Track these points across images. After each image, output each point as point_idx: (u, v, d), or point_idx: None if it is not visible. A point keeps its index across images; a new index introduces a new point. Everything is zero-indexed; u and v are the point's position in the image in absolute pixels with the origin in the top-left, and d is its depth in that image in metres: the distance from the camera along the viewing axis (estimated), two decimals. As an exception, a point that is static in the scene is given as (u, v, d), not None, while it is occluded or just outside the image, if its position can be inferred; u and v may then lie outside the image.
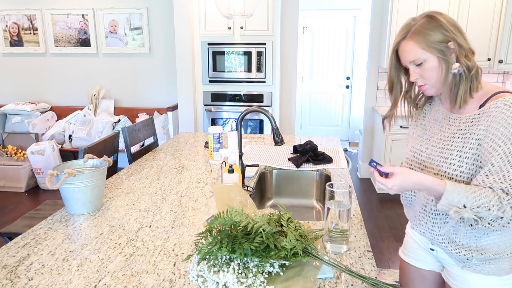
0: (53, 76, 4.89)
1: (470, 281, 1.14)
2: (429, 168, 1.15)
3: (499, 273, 1.10)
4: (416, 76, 1.10)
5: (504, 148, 0.97)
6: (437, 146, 1.14)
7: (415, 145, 1.22)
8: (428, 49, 1.04)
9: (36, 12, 4.70)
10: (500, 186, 0.97)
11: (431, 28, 1.04)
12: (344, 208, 1.16)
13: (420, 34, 1.05)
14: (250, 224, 1.05)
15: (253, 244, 1.03)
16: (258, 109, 1.68)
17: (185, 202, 1.60)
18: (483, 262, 1.10)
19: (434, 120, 1.20)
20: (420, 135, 1.23)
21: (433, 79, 1.08)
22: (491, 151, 1.00)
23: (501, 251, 1.09)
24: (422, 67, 1.07)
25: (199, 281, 1.03)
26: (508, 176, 0.97)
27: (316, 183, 2.04)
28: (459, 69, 1.05)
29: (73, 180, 1.42)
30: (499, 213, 0.96)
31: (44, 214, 2.24)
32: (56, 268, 1.11)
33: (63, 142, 4.56)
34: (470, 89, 1.06)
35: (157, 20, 4.57)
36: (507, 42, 3.41)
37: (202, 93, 4.19)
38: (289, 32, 4.26)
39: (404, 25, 1.09)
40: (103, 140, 2.28)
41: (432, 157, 1.14)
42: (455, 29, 1.04)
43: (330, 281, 1.04)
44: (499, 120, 0.99)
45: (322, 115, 6.31)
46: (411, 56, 1.07)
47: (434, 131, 1.18)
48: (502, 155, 0.97)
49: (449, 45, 1.04)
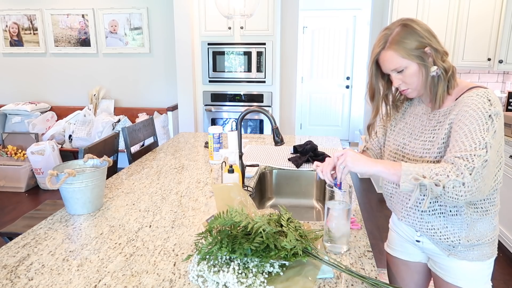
0: (53, 76, 4.89)
1: (455, 268, 1.20)
2: (413, 161, 1.18)
3: (482, 258, 1.18)
4: (399, 82, 1.16)
5: (470, 127, 1.02)
6: (419, 139, 1.19)
7: (398, 139, 1.27)
8: (407, 56, 1.10)
9: (36, 12, 4.70)
10: (461, 154, 1.00)
11: (407, 36, 1.09)
12: (344, 208, 1.16)
13: (398, 43, 1.10)
14: (250, 224, 1.05)
15: (253, 244, 1.03)
16: (258, 109, 1.68)
17: (185, 202, 1.60)
18: (468, 248, 1.17)
19: (415, 115, 1.25)
20: (401, 129, 1.28)
21: (415, 83, 1.14)
22: (457, 130, 1.05)
23: (483, 237, 1.16)
24: (403, 74, 1.13)
25: (199, 281, 1.03)
26: (469, 148, 1.00)
27: (316, 183, 2.04)
28: (437, 72, 1.11)
29: (73, 180, 1.42)
30: (458, 179, 0.97)
31: (44, 214, 2.24)
32: (56, 268, 1.11)
33: (63, 142, 4.56)
34: (448, 88, 1.13)
35: (157, 20, 4.57)
36: (507, 42, 3.41)
37: (202, 93, 4.19)
38: (289, 32, 4.26)
39: (381, 35, 1.14)
40: (103, 140, 2.28)
41: (416, 150, 1.19)
42: (429, 35, 1.10)
43: (330, 281, 1.05)
44: (469, 104, 1.05)
45: (322, 115, 6.31)
46: (392, 65, 1.13)
47: (415, 125, 1.23)
48: (467, 132, 1.02)
49: (426, 50, 1.10)
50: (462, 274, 1.20)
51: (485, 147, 0.99)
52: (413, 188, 1.01)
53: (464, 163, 0.98)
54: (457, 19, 3.72)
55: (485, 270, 1.20)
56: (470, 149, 0.99)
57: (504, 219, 2.86)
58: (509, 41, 3.40)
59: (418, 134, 1.20)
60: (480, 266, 1.19)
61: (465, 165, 0.98)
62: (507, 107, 3.60)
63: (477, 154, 0.98)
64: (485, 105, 1.03)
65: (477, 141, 1.00)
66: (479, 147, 0.99)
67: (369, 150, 1.43)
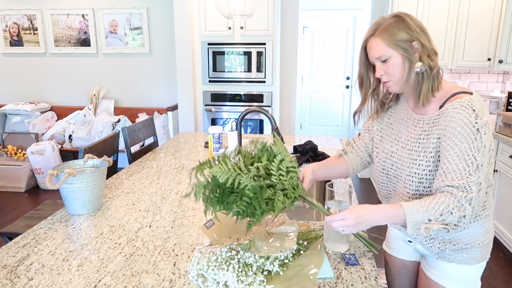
0: (53, 76, 4.89)
1: (444, 270, 1.21)
2: (401, 170, 1.19)
3: (471, 262, 1.17)
4: (381, 72, 1.14)
5: (460, 146, 1.02)
6: (406, 148, 1.19)
7: (386, 146, 1.26)
8: (392, 46, 1.09)
9: (36, 12, 4.70)
10: (458, 183, 1.01)
11: (398, 27, 1.09)
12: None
13: (387, 32, 1.10)
14: (236, 180, 1.04)
15: (240, 207, 1.06)
16: (258, 109, 1.68)
17: (185, 202, 1.60)
18: (456, 252, 1.17)
19: (400, 120, 1.25)
20: (388, 135, 1.27)
21: (397, 76, 1.12)
22: (448, 149, 1.05)
23: (473, 241, 1.15)
24: (387, 64, 1.12)
25: (199, 281, 1.03)
26: (465, 173, 1.01)
27: (316, 183, 2.04)
28: (421, 68, 1.09)
29: (73, 180, 1.42)
30: (460, 213, 0.99)
31: (44, 214, 2.24)
32: (56, 268, 1.11)
33: (63, 142, 4.56)
34: (432, 88, 1.11)
35: (157, 20, 4.57)
36: (507, 42, 3.41)
37: (202, 93, 4.19)
38: (289, 32, 4.26)
39: (374, 23, 1.15)
40: (103, 140, 2.28)
41: (403, 159, 1.18)
42: (420, 30, 1.10)
43: (330, 281, 1.05)
44: (456, 120, 1.04)
45: (322, 115, 6.31)
46: (377, 52, 1.12)
47: (401, 131, 1.22)
48: (458, 153, 1.02)
49: (413, 45, 1.09)
50: (448, 275, 1.20)
51: (477, 168, 1.00)
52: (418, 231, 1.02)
53: (463, 195, 1.00)
54: (457, 19, 3.72)
55: (472, 274, 1.19)
56: (466, 175, 1.00)
57: (504, 219, 2.86)
58: (509, 41, 3.40)
59: (404, 142, 1.20)
60: (468, 269, 1.18)
61: (465, 197, 0.99)
62: (507, 107, 3.60)
63: (473, 181, 1.00)
64: (471, 119, 1.02)
65: (469, 162, 1.01)
66: (472, 170, 1.00)
67: (347, 155, 1.39)
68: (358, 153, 1.39)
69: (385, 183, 1.27)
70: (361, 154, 1.38)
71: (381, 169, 1.26)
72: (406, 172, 1.16)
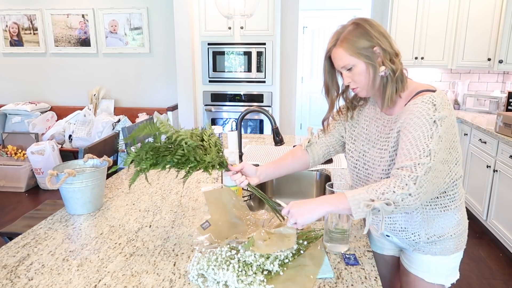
0: (53, 76, 4.89)
1: (419, 261, 1.25)
2: (373, 168, 1.21)
3: (445, 253, 1.21)
4: (348, 80, 1.17)
5: (414, 134, 1.04)
6: (376, 147, 1.21)
7: (358, 145, 1.28)
8: (355, 55, 1.11)
9: (36, 12, 4.70)
10: (405, 164, 1.01)
11: (357, 35, 1.11)
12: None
13: (348, 41, 1.12)
14: (174, 135, 1.13)
15: (175, 157, 1.12)
16: (258, 109, 1.68)
17: (185, 202, 1.60)
18: (429, 244, 1.20)
19: (370, 119, 1.26)
20: (360, 134, 1.29)
21: (363, 82, 1.15)
22: (403, 138, 1.07)
23: (445, 233, 1.19)
24: (352, 72, 1.14)
25: (199, 281, 1.03)
26: (414, 156, 1.01)
27: (316, 183, 2.04)
28: (385, 72, 1.11)
29: (73, 180, 1.42)
30: (404, 191, 0.99)
31: (44, 214, 2.24)
32: (56, 268, 1.11)
33: (63, 142, 4.56)
34: (397, 89, 1.13)
35: (157, 20, 4.57)
36: (507, 42, 3.41)
37: (202, 93, 4.19)
38: (289, 32, 4.26)
39: (335, 32, 1.17)
40: (103, 140, 2.28)
41: (374, 158, 1.21)
42: (380, 35, 1.11)
43: (330, 281, 1.05)
44: (414, 112, 1.07)
45: (322, 115, 6.16)
46: (341, 62, 1.14)
47: (371, 130, 1.25)
48: (411, 139, 1.04)
49: (375, 50, 1.11)
50: (425, 266, 1.24)
51: (429, 154, 1.01)
52: (365, 215, 1.01)
53: (407, 173, 1.00)
54: (457, 19, 3.72)
55: (448, 265, 1.23)
56: (415, 157, 1.01)
57: (504, 219, 2.86)
58: (509, 41, 3.40)
59: (375, 141, 1.22)
60: (443, 261, 1.22)
61: (409, 176, 1.00)
62: (507, 107, 3.60)
63: (421, 163, 1.00)
64: (429, 111, 1.04)
65: (421, 148, 1.01)
66: (423, 154, 1.01)
67: (312, 146, 1.40)
68: (322, 147, 1.39)
69: (356, 181, 1.30)
70: (325, 148, 1.39)
71: (353, 167, 1.29)
72: (378, 170, 1.19)
